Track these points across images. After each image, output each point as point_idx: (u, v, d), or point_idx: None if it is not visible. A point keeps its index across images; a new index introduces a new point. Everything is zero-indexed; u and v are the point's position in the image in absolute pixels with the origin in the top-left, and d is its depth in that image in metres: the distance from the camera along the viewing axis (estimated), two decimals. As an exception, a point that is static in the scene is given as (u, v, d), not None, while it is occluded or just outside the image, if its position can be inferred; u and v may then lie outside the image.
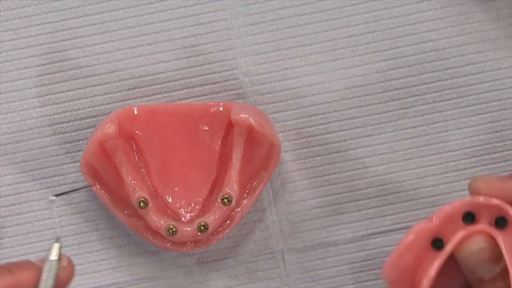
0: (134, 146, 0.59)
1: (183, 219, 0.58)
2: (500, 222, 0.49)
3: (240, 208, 0.59)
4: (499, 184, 0.49)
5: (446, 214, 0.50)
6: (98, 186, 0.58)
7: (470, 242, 0.49)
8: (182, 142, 0.59)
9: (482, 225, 0.49)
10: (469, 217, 0.50)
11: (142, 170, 0.59)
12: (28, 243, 0.61)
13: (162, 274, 0.62)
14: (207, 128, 0.59)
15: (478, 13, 0.62)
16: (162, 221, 0.56)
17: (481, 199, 0.49)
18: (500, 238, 0.48)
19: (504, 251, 0.48)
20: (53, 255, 0.48)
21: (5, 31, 0.61)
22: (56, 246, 0.48)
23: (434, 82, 0.61)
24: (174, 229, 0.56)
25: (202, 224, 0.57)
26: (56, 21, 0.61)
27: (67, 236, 0.61)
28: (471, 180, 0.50)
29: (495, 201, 0.49)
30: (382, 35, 0.62)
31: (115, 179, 0.57)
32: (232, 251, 0.62)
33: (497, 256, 0.48)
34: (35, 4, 0.62)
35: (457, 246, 0.49)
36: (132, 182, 0.57)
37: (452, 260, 0.50)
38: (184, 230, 0.56)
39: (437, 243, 0.50)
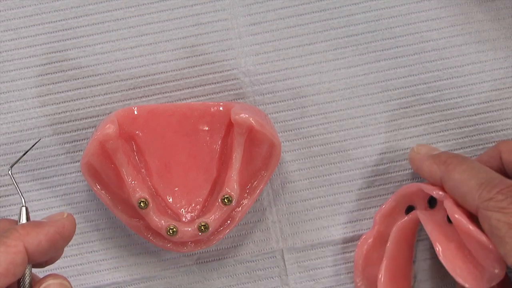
0: (134, 147, 0.59)
1: (184, 219, 0.58)
2: (432, 202, 0.59)
3: (240, 208, 0.59)
4: (427, 150, 0.58)
5: (384, 213, 0.60)
6: (98, 186, 0.58)
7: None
8: (182, 142, 0.59)
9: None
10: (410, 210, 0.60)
11: (143, 170, 0.59)
12: (28, 243, 0.61)
13: (162, 274, 0.62)
14: (207, 128, 0.59)
15: (478, 13, 0.62)
16: (162, 221, 0.56)
17: (403, 189, 0.58)
18: (424, 216, 0.56)
19: (427, 228, 0.55)
20: (23, 219, 0.50)
21: (5, 31, 0.61)
22: (24, 210, 0.51)
23: (434, 81, 0.61)
24: (174, 229, 0.56)
25: (202, 224, 0.57)
26: (56, 21, 0.61)
27: (67, 236, 0.61)
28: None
29: (418, 184, 0.57)
30: (382, 34, 0.62)
31: (116, 179, 0.57)
32: (232, 251, 0.62)
33: None
34: (35, 4, 0.61)
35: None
36: (133, 182, 0.57)
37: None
38: (184, 230, 0.56)
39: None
